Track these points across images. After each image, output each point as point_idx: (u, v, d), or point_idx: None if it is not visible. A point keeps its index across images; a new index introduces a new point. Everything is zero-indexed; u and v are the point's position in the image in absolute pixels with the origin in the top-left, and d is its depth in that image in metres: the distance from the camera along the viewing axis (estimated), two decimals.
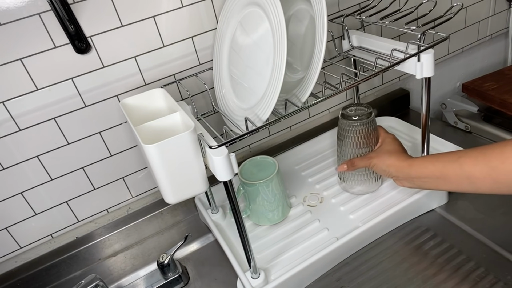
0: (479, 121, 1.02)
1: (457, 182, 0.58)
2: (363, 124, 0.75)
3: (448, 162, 0.59)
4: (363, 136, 0.75)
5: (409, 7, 0.75)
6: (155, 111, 0.70)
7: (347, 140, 0.77)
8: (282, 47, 0.58)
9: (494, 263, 0.67)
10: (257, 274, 0.67)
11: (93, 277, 0.69)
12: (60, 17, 0.64)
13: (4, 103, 0.67)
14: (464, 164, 0.57)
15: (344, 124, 0.76)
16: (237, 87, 0.73)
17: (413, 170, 0.65)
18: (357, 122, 0.74)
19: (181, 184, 0.60)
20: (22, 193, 0.74)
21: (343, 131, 0.77)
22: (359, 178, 0.80)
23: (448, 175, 0.59)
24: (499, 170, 0.52)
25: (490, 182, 0.54)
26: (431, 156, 0.64)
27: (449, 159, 0.60)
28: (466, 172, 0.56)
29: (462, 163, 0.57)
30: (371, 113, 0.75)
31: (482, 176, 0.55)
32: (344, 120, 0.76)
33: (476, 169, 0.55)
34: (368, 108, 0.76)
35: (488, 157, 0.54)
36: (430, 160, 0.63)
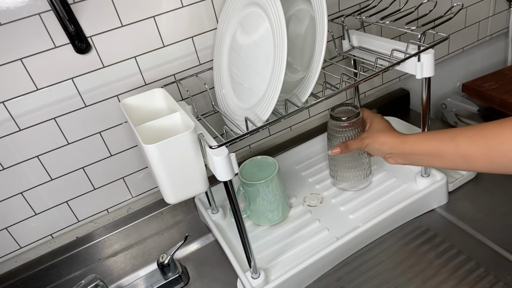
0: (479, 121, 1.02)
1: (452, 160, 0.58)
2: (351, 125, 0.76)
3: (444, 141, 0.58)
4: (352, 136, 0.76)
5: (409, 7, 0.75)
6: (155, 111, 0.70)
7: (336, 140, 0.78)
8: (282, 47, 0.58)
9: (494, 263, 0.67)
10: (257, 274, 0.67)
11: (93, 277, 0.69)
12: (60, 17, 0.64)
13: (4, 103, 0.67)
14: (461, 143, 0.56)
15: (333, 124, 0.77)
16: (237, 87, 0.73)
17: (407, 146, 0.64)
18: (346, 122, 0.75)
19: (181, 184, 0.60)
20: (22, 193, 0.74)
21: (332, 131, 0.78)
22: (350, 176, 0.81)
23: (443, 153, 0.58)
24: (496, 151, 0.52)
25: (485, 162, 0.54)
26: (426, 133, 0.64)
27: (445, 137, 0.58)
28: (462, 151, 0.55)
29: (459, 142, 0.56)
30: (359, 113, 0.76)
31: (478, 156, 0.54)
32: (333, 121, 0.77)
33: (472, 149, 0.54)
34: (356, 108, 0.77)
35: (485, 137, 0.53)
36: (425, 138, 0.62)
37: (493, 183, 0.82)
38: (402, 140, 0.65)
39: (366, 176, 0.83)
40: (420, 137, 0.63)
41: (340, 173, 0.83)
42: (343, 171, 0.82)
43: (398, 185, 0.82)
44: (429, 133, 0.62)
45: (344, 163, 0.80)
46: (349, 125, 0.76)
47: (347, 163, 0.80)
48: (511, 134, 0.51)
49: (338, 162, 0.81)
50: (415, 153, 0.63)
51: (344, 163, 0.81)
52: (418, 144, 0.62)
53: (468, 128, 0.56)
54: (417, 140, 0.63)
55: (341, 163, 0.81)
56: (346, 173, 0.82)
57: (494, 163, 0.53)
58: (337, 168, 0.82)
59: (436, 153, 0.59)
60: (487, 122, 0.54)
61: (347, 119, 0.75)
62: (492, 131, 0.53)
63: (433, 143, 0.60)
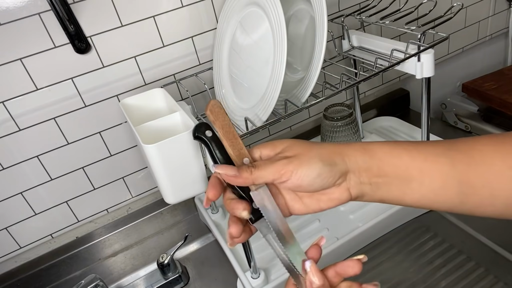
0: (479, 121, 1.02)
1: (440, 188, 0.38)
2: (344, 125, 0.76)
3: (431, 154, 0.38)
4: (346, 136, 0.77)
5: (409, 7, 0.75)
6: (155, 111, 0.70)
7: (330, 140, 0.78)
8: (282, 47, 0.58)
9: (494, 263, 0.67)
10: (257, 274, 0.67)
11: (93, 277, 0.69)
12: (60, 17, 0.64)
13: (4, 103, 0.67)
14: (457, 160, 0.37)
15: (326, 125, 0.78)
16: (237, 87, 0.73)
17: (375, 162, 0.39)
18: (340, 122, 0.76)
19: (181, 184, 0.60)
20: (22, 193, 0.74)
21: (326, 131, 0.78)
22: None
23: (427, 174, 0.38)
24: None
25: (489, 196, 0.36)
26: (396, 143, 0.40)
27: (432, 149, 0.39)
28: (458, 173, 0.37)
29: (453, 158, 0.37)
30: (352, 113, 0.77)
31: (482, 185, 0.36)
32: (326, 121, 0.78)
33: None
34: (349, 108, 0.77)
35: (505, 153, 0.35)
36: (397, 148, 0.39)
37: None
38: (366, 150, 0.39)
39: None
40: (389, 147, 0.39)
41: None
42: None
43: None
44: (402, 143, 0.40)
45: None
46: (342, 125, 0.76)
47: None
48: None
49: None
50: (381, 174, 0.39)
51: None
52: (389, 157, 0.39)
53: (476, 139, 0.38)
54: (386, 152, 0.39)
55: None
56: None
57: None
58: None
59: (414, 174, 0.38)
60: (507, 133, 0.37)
61: (341, 119, 0.76)
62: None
63: (413, 157, 0.38)
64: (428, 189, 0.38)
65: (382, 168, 0.38)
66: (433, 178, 0.37)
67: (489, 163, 0.35)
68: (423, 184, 0.38)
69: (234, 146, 0.40)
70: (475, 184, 0.36)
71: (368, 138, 0.96)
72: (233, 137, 0.40)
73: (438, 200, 0.38)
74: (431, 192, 0.38)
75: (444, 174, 0.37)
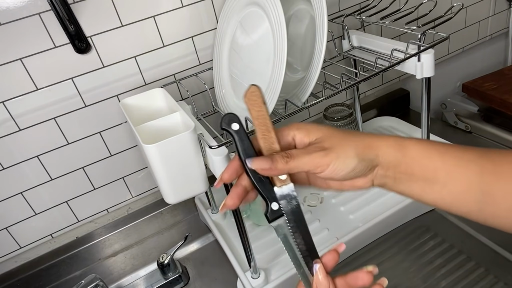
0: (479, 121, 1.02)
1: (463, 193, 0.38)
2: (344, 125, 0.76)
3: (462, 160, 0.38)
4: None
5: (409, 7, 0.75)
6: (155, 111, 0.70)
7: None
8: (282, 47, 0.58)
9: (494, 263, 0.67)
10: (257, 274, 0.67)
11: (93, 277, 0.69)
12: (60, 17, 0.64)
13: (4, 103, 0.67)
14: (486, 171, 0.37)
15: (327, 124, 0.78)
16: (237, 87, 0.73)
17: (407, 160, 0.39)
18: (340, 122, 0.76)
19: (181, 184, 0.60)
20: (22, 193, 0.74)
21: None
22: None
23: (453, 178, 0.38)
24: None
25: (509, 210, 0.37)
26: (430, 143, 0.40)
27: (462, 155, 0.38)
28: (485, 184, 0.37)
29: (484, 166, 0.37)
30: (352, 113, 0.77)
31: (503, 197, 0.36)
32: (326, 121, 0.78)
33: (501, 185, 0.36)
34: (349, 108, 0.77)
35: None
36: (430, 149, 0.39)
37: None
38: (400, 146, 0.40)
39: None
40: (423, 147, 0.39)
41: None
42: None
43: None
44: (437, 145, 0.40)
45: None
46: (343, 125, 0.77)
47: None
48: None
49: None
50: (408, 172, 0.39)
51: None
52: (420, 157, 0.39)
53: (510, 151, 0.38)
54: (419, 151, 0.39)
55: None
56: None
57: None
58: None
59: (440, 177, 0.38)
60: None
61: (341, 119, 0.76)
62: None
63: (444, 161, 0.38)
64: (450, 192, 0.38)
65: (411, 167, 0.39)
66: (457, 182, 0.37)
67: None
68: (446, 186, 0.38)
69: (266, 139, 0.38)
70: (497, 194, 0.36)
71: None
72: (266, 130, 0.38)
73: (456, 204, 0.38)
74: (451, 196, 0.38)
75: (469, 181, 0.37)
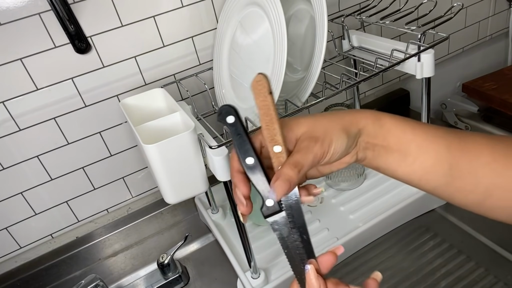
0: (479, 121, 1.02)
1: (436, 168, 0.40)
2: None
3: (439, 137, 0.40)
4: None
5: (409, 7, 0.75)
6: (155, 111, 0.70)
7: None
8: (282, 47, 0.58)
9: (494, 263, 0.67)
10: (257, 274, 0.67)
11: (93, 277, 0.69)
12: (60, 17, 0.64)
13: (4, 103, 0.67)
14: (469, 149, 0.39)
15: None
16: (237, 87, 0.73)
17: (384, 132, 0.41)
18: None
19: (181, 184, 0.60)
20: (22, 193, 0.74)
21: None
22: (345, 175, 0.82)
23: (430, 153, 0.40)
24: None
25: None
26: (407, 120, 0.42)
27: (441, 133, 0.41)
28: (451, 157, 0.39)
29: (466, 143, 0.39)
30: None
31: None
32: None
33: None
34: (349, 108, 0.78)
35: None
36: (409, 124, 0.41)
37: None
38: (377, 118, 0.42)
39: (359, 175, 0.83)
40: (397, 120, 0.42)
41: (334, 173, 0.83)
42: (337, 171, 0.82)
43: (398, 185, 0.82)
44: (409, 121, 0.42)
45: None
46: None
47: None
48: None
49: None
50: (385, 144, 0.41)
51: None
52: (395, 129, 0.41)
53: (474, 132, 0.41)
54: (394, 124, 0.41)
55: None
56: (340, 171, 0.82)
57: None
58: None
59: (412, 149, 0.40)
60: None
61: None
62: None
63: (415, 134, 0.41)
64: (421, 165, 0.40)
65: (387, 138, 0.41)
66: (427, 155, 0.40)
67: (479, 153, 0.39)
68: (417, 159, 0.40)
69: (269, 130, 0.37)
70: (463, 169, 0.39)
71: None
72: (269, 120, 0.37)
73: (426, 177, 0.41)
74: (422, 169, 0.41)
75: (438, 154, 0.40)
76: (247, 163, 0.38)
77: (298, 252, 0.39)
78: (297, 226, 0.39)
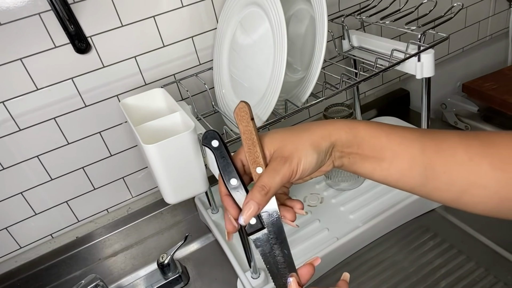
0: (479, 121, 1.02)
1: (408, 169, 0.41)
2: None
3: (406, 139, 0.41)
4: None
5: (409, 7, 0.75)
6: (155, 111, 0.70)
7: None
8: (282, 47, 0.58)
9: (494, 263, 0.67)
10: (257, 274, 0.67)
11: (93, 277, 0.69)
12: (60, 17, 0.64)
13: (4, 103, 0.67)
14: (428, 147, 0.40)
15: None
16: (237, 87, 0.73)
17: (359, 140, 0.42)
18: None
19: (181, 184, 0.60)
20: (22, 193, 0.74)
21: None
22: (345, 175, 0.82)
23: (400, 155, 0.41)
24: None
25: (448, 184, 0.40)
26: (377, 124, 0.43)
27: (408, 134, 0.42)
28: (427, 159, 0.40)
29: (425, 144, 0.40)
30: (352, 113, 0.77)
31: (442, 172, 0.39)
32: None
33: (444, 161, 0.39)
34: (349, 108, 0.78)
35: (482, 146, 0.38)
36: (378, 129, 0.42)
37: None
38: (350, 129, 0.42)
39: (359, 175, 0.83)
40: (371, 128, 0.42)
41: (334, 173, 0.83)
42: (337, 170, 0.82)
43: None
44: (383, 126, 0.43)
45: None
46: None
47: None
48: None
49: None
50: (359, 152, 0.42)
51: None
52: (369, 137, 0.42)
53: (448, 131, 0.41)
54: (368, 133, 0.42)
55: None
56: (340, 172, 0.82)
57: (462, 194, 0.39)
58: None
59: (387, 155, 0.41)
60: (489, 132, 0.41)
61: (341, 119, 0.76)
62: (497, 143, 0.38)
63: (389, 140, 0.41)
64: (396, 169, 0.41)
65: (362, 147, 0.42)
66: (403, 160, 0.41)
67: (453, 152, 0.39)
68: (392, 164, 0.41)
69: (251, 153, 0.41)
70: (438, 169, 0.39)
71: None
72: (251, 144, 0.41)
73: (402, 179, 0.42)
74: (398, 172, 0.41)
75: (413, 158, 0.41)
76: (231, 184, 0.41)
77: (280, 266, 0.42)
78: (278, 242, 0.42)
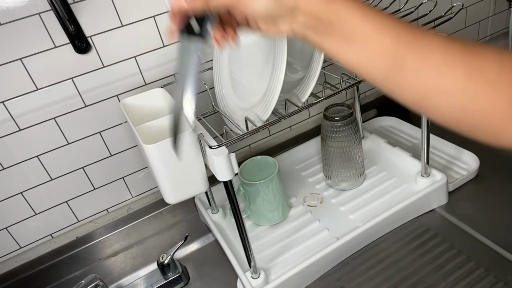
0: None
1: (376, 53, 0.37)
2: (344, 125, 0.77)
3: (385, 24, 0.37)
4: (346, 136, 0.78)
5: (409, 7, 0.75)
6: (155, 111, 0.70)
7: (331, 140, 0.80)
8: (282, 47, 0.58)
9: (494, 263, 0.67)
10: (257, 274, 0.67)
11: (93, 277, 0.69)
12: (60, 17, 0.64)
13: (4, 103, 0.67)
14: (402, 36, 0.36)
15: (327, 125, 0.79)
16: (237, 87, 0.73)
17: (330, 10, 0.37)
18: (340, 122, 0.76)
19: (181, 184, 0.60)
20: (22, 193, 0.74)
21: (326, 131, 0.79)
22: (344, 175, 0.82)
23: (371, 38, 0.37)
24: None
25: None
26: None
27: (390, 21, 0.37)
28: (399, 54, 0.36)
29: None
30: (352, 113, 0.77)
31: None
32: (326, 121, 0.78)
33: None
34: (349, 108, 0.78)
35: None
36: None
37: (493, 183, 0.82)
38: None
39: (359, 175, 0.83)
40: (349, 3, 0.37)
41: (334, 173, 0.83)
42: (337, 170, 0.82)
43: (398, 185, 0.82)
44: (361, 5, 0.37)
45: (338, 162, 0.81)
46: (342, 125, 0.77)
47: (341, 162, 0.81)
48: None
49: (331, 161, 0.82)
50: (328, 26, 0.38)
51: (338, 163, 0.81)
52: (342, 11, 0.37)
53: (435, 32, 0.38)
54: (343, 5, 0.37)
55: (334, 163, 0.81)
56: (340, 172, 0.82)
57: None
58: (331, 168, 0.83)
59: (359, 38, 0.37)
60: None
61: (341, 119, 0.76)
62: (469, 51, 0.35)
63: (364, 20, 0.37)
64: (365, 54, 0.38)
65: (330, 18, 0.37)
66: (373, 45, 0.37)
67: (428, 51, 0.36)
68: (361, 48, 0.37)
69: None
70: (407, 67, 0.36)
71: (368, 138, 0.96)
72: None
73: (367, 68, 0.39)
74: (365, 60, 0.38)
75: (384, 46, 0.37)
76: None
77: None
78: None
